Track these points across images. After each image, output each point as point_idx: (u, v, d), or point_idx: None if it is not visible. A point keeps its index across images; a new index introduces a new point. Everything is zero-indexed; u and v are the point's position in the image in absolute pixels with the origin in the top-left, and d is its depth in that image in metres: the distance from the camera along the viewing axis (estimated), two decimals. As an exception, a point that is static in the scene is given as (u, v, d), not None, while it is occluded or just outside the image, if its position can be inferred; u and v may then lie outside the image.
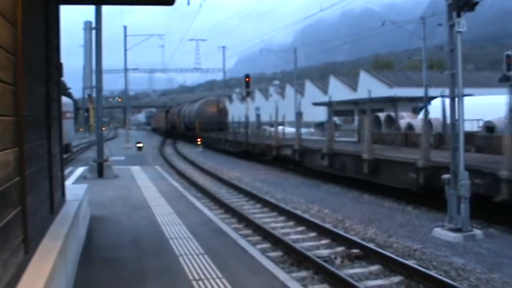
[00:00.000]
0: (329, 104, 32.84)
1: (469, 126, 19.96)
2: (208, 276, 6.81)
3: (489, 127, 21.15)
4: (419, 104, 35.34)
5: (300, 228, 12.76)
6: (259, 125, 33.56)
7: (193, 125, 51.68)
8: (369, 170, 17.69)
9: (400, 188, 15.99)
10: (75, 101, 48.38)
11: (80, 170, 21.43)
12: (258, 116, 36.33)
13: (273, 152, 27.99)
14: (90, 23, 19.11)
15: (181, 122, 59.58)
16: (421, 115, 32.38)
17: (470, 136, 17.22)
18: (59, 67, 8.37)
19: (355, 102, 37.97)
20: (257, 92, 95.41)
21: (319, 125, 43.04)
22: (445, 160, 13.24)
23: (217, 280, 6.66)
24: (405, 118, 30.60)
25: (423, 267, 8.95)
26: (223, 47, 69.26)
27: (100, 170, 19.07)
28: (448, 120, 12.80)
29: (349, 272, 9.07)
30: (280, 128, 29.51)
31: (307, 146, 24.40)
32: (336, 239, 11.27)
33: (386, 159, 17.19)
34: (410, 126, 27.25)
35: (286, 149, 26.44)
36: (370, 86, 54.99)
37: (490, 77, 63.56)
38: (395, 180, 16.50)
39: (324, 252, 10.43)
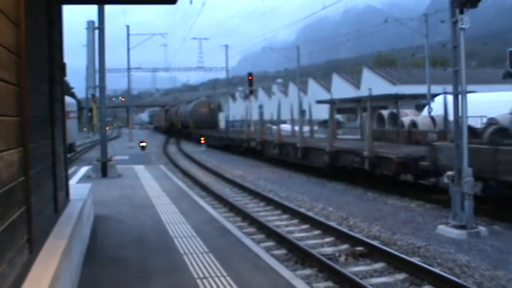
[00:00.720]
0: (332, 102, 33.06)
1: (473, 123, 19.93)
2: (213, 275, 6.82)
3: (492, 124, 21.13)
4: (423, 101, 35.32)
5: (304, 226, 12.76)
6: (263, 123, 33.73)
7: (188, 123, 57.49)
8: (301, 155, 23.64)
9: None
10: (78, 101, 48.34)
11: (83, 170, 21.46)
12: (261, 114, 36.32)
13: (244, 144, 34.52)
14: (93, 22, 19.15)
15: (178, 120, 64.75)
16: (424, 112, 32.39)
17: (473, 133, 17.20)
18: (62, 67, 8.40)
19: (357, 100, 37.96)
20: (260, 90, 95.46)
21: (323, 123, 43.44)
22: (346, 146, 21.01)
23: (222, 278, 6.67)
24: (409, 115, 30.58)
25: (427, 265, 8.95)
26: (226, 46, 69.16)
27: (104, 169, 19.09)
28: (451, 117, 12.78)
29: (353, 269, 9.08)
30: (283, 125, 34.02)
31: (266, 139, 30.50)
32: (340, 236, 11.27)
33: (312, 146, 23.13)
34: (413, 124, 27.22)
35: (252, 142, 32.77)
36: (373, 84, 55.09)
37: (493, 73, 63.50)
38: (315, 162, 22.37)
39: (328, 250, 10.44)
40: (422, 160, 15.46)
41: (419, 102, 36.86)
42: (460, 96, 11.43)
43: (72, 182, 15.10)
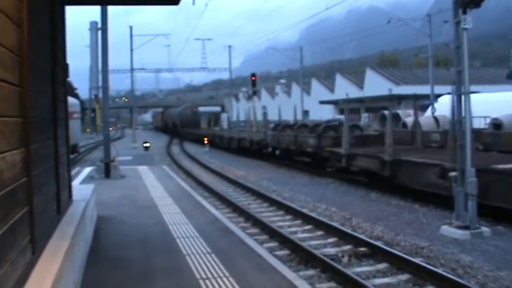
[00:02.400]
0: (335, 102, 33.22)
1: (477, 124, 19.90)
2: (216, 275, 6.82)
3: (496, 124, 21.11)
4: (426, 102, 35.25)
5: (307, 227, 12.75)
6: (266, 123, 33.94)
7: (176, 123, 69.22)
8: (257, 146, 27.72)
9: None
10: (81, 102, 48.49)
11: (87, 170, 21.49)
12: (264, 114, 36.53)
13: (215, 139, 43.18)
14: (96, 23, 19.15)
15: (170, 121, 77.28)
16: (428, 112, 32.34)
17: (477, 133, 17.16)
18: (65, 68, 8.41)
19: (361, 100, 37.94)
20: (263, 90, 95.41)
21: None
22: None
23: (225, 279, 6.67)
24: (411, 116, 30.51)
25: (431, 265, 8.94)
26: (229, 46, 69.35)
27: (107, 170, 19.11)
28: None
29: (356, 270, 9.06)
30: None
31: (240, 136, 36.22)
32: (343, 237, 11.26)
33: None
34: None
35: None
36: (376, 84, 55.09)
37: (497, 73, 63.38)
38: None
39: (331, 250, 10.43)
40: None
41: (423, 102, 36.78)
42: (463, 97, 11.41)
43: (75, 182, 15.13)
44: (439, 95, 30.35)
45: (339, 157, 20.31)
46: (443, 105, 19.77)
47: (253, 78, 42.72)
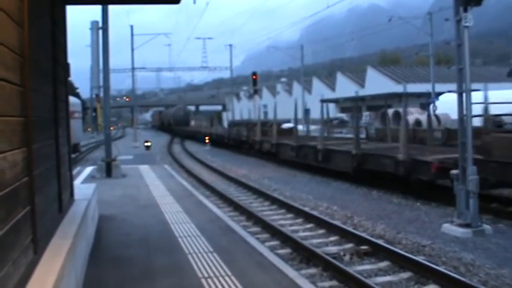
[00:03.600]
0: (336, 101, 33.36)
1: (477, 122, 19.86)
2: (218, 274, 6.82)
3: (497, 122, 21.09)
4: (428, 100, 35.23)
5: (309, 225, 12.75)
6: (266, 122, 34.33)
7: (170, 122, 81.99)
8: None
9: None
10: (83, 101, 48.51)
11: (88, 170, 21.50)
12: (265, 113, 36.69)
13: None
14: (97, 22, 19.15)
15: (166, 120, 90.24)
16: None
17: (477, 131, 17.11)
18: (66, 67, 8.41)
19: (362, 99, 37.95)
20: (264, 89, 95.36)
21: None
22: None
23: (227, 278, 6.67)
24: (413, 114, 30.51)
25: (432, 263, 8.94)
26: (230, 45, 69.16)
27: (108, 169, 19.12)
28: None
29: (358, 268, 9.06)
30: (287, 124, 37.10)
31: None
32: (345, 235, 11.26)
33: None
34: (418, 122, 27.15)
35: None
36: (377, 82, 55.00)
37: (498, 71, 63.25)
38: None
39: (333, 249, 10.42)
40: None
41: (425, 100, 36.74)
42: (464, 95, 11.40)
43: (77, 182, 15.13)
44: (441, 93, 30.34)
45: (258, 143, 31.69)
46: (444, 103, 19.68)
47: (254, 77, 42.76)
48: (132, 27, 50.49)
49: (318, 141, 22.85)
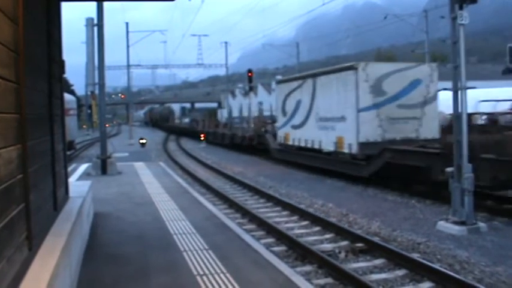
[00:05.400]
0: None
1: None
2: (213, 271, 6.82)
3: (492, 120, 21.14)
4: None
5: (304, 223, 12.77)
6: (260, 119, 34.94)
7: (157, 119, 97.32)
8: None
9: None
10: (78, 98, 48.38)
11: (83, 167, 21.46)
12: (260, 110, 36.71)
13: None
14: (92, 19, 19.12)
15: (154, 117, 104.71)
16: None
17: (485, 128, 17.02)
18: (61, 64, 8.38)
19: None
20: (260, 86, 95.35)
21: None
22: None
23: (222, 275, 6.67)
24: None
25: (427, 261, 8.96)
26: (226, 43, 69.02)
27: (103, 166, 19.08)
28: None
29: (353, 266, 9.09)
30: None
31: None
32: (340, 233, 11.28)
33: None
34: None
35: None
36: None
37: (493, 69, 63.33)
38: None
39: (328, 246, 10.44)
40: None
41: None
42: (459, 92, 11.42)
43: (72, 179, 15.11)
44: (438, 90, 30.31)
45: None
46: (439, 101, 19.62)
47: (250, 74, 42.62)
48: (127, 24, 50.38)
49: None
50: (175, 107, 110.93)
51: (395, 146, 17.47)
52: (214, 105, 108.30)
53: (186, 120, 76.91)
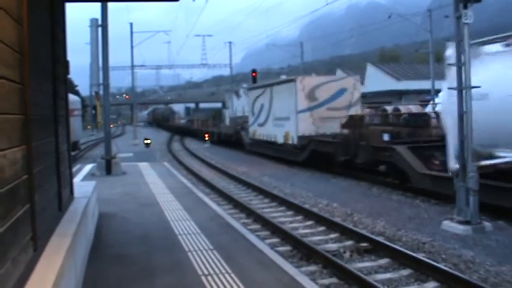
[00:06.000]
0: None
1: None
2: (217, 272, 6.82)
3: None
4: (427, 97, 35.19)
5: (309, 223, 12.76)
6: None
7: (159, 119, 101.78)
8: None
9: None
10: (82, 99, 48.49)
11: (88, 167, 21.49)
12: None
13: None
14: (96, 20, 19.12)
15: (157, 118, 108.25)
16: (428, 108, 32.32)
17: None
18: (65, 65, 8.39)
19: (362, 96, 37.94)
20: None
21: None
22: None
23: (227, 275, 6.67)
24: (413, 111, 30.44)
25: (432, 260, 8.94)
26: (230, 43, 69.14)
27: (108, 167, 19.10)
28: None
29: (358, 265, 9.07)
30: None
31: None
32: (345, 232, 11.27)
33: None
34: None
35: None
36: (377, 79, 54.87)
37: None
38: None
39: (333, 246, 10.43)
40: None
41: (424, 97, 36.71)
42: (464, 92, 11.38)
43: (77, 179, 15.12)
44: (440, 90, 30.25)
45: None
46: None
47: (254, 74, 42.69)
48: (131, 24, 50.47)
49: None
50: (180, 107, 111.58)
51: (318, 138, 23.66)
52: (219, 105, 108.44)
53: (182, 121, 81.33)
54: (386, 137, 18.32)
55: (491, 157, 12.40)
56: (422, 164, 15.71)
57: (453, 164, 12.44)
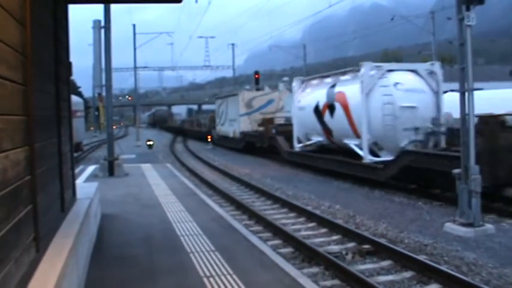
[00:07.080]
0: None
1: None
2: (220, 273, 6.82)
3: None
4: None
5: (311, 224, 12.75)
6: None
7: (159, 120, 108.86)
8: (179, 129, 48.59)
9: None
10: (85, 100, 48.44)
11: (90, 169, 21.50)
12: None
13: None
14: (99, 21, 19.19)
15: (156, 119, 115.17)
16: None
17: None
18: (68, 66, 8.42)
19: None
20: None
21: None
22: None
23: (228, 277, 6.67)
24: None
25: (434, 263, 8.93)
26: (233, 44, 69.20)
27: (111, 168, 19.12)
28: None
29: (360, 267, 9.07)
30: None
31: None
32: (347, 234, 11.26)
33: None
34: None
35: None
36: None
37: (501, 70, 63.10)
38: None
39: (335, 248, 10.43)
40: None
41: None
42: (466, 94, 11.38)
43: (79, 181, 15.15)
44: (443, 92, 30.17)
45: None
46: (446, 103, 19.57)
47: (257, 76, 42.75)
48: (134, 26, 50.55)
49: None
50: (182, 109, 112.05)
51: (248, 133, 34.70)
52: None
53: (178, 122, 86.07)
54: (274, 131, 28.94)
55: (308, 139, 24.06)
56: (288, 146, 26.47)
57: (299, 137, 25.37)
